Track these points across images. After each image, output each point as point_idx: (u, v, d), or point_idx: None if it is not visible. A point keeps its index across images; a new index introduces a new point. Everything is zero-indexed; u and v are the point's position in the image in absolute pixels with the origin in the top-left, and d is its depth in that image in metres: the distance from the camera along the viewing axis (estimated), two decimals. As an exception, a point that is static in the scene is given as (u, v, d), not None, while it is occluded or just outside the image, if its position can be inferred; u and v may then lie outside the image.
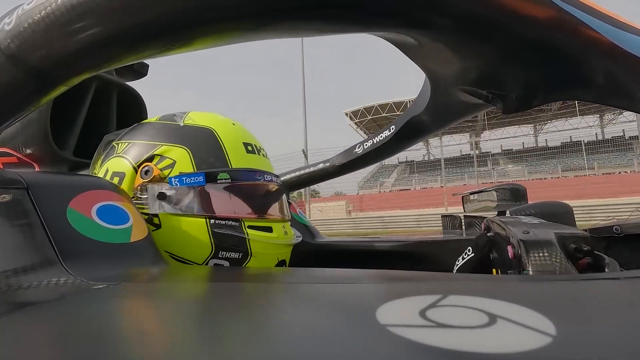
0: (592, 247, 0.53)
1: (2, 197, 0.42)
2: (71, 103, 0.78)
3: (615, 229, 0.58)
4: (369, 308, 0.23)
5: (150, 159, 0.60)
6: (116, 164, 0.62)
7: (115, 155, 0.63)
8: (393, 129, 0.93)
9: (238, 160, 0.62)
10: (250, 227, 0.60)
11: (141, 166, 0.60)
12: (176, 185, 0.58)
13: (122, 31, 0.33)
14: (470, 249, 0.70)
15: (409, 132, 0.91)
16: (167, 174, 0.59)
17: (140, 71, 0.96)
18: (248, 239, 0.59)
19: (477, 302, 0.23)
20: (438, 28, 0.40)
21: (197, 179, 0.58)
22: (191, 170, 0.59)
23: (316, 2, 0.33)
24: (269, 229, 0.62)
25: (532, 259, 0.48)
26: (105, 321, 0.26)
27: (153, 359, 0.19)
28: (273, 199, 0.67)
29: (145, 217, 0.58)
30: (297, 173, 1.23)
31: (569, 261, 0.48)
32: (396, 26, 0.40)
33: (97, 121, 0.84)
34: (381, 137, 0.97)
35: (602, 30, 0.35)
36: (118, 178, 0.60)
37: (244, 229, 0.59)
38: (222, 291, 0.34)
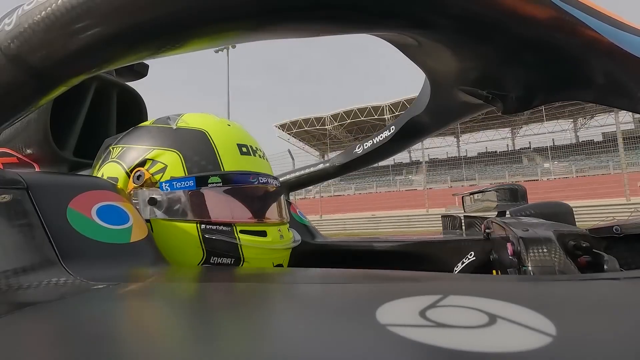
0: (591, 245, 0.53)
1: (2, 197, 0.42)
2: (71, 103, 0.78)
3: (615, 229, 0.58)
4: (369, 308, 0.23)
5: (142, 164, 0.59)
6: (110, 169, 0.62)
7: (110, 160, 0.63)
8: (393, 129, 0.93)
9: (231, 162, 0.60)
10: (242, 232, 0.59)
11: (134, 171, 0.59)
12: (167, 190, 0.57)
13: (122, 31, 0.33)
14: (472, 253, 0.70)
15: (409, 132, 0.91)
16: (159, 179, 0.58)
17: (140, 71, 0.96)
18: (240, 245, 0.58)
19: (477, 302, 0.23)
20: (438, 28, 0.40)
21: (188, 184, 0.57)
22: (182, 174, 0.58)
23: (317, 3, 0.34)
24: (263, 233, 0.61)
25: (532, 256, 0.48)
26: (105, 321, 0.26)
27: (153, 359, 0.19)
28: (268, 202, 0.65)
29: None
30: (297, 173, 1.23)
31: (568, 257, 0.48)
32: (396, 27, 0.40)
33: (97, 121, 0.84)
34: (381, 138, 0.97)
35: (602, 30, 0.35)
36: None
37: (236, 234, 0.58)
38: (222, 291, 0.34)
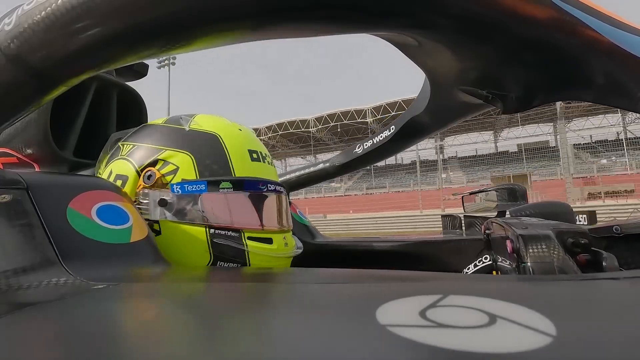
0: (590, 242, 0.53)
1: (2, 197, 0.42)
2: (71, 103, 0.78)
3: (615, 229, 0.58)
4: (369, 308, 0.23)
5: (153, 164, 0.59)
6: (120, 167, 0.61)
7: (119, 157, 0.62)
8: (393, 129, 0.93)
9: (242, 168, 0.61)
10: (250, 239, 0.59)
11: (144, 170, 0.59)
12: (178, 192, 0.57)
13: (122, 31, 0.33)
14: (487, 257, 0.70)
15: (409, 132, 0.91)
16: (170, 180, 0.58)
17: (140, 71, 0.96)
18: (247, 251, 0.58)
19: (477, 302, 0.23)
20: (438, 28, 0.40)
21: (199, 187, 0.57)
22: (194, 177, 0.58)
23: (317, 3, 0.34)
24: (269, 241, 0.61)
25: (531, 252, 0.48)
26: (105, 321, 0.26)
27: (152, 359, 0.19)
28: (276, 209, 0.65)
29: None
30: (297, 173, 1.23)
31: (567, 254, 0.48)
32: (396, 27, 0.40)
33: (97, 121, 0.84)
34: (381, 137, 0.97)
35: (602, 30, 0.35)
36: (121, 181, 0.60)
37: (244, 241, 0.58)
38: (222, 291, 0.34)
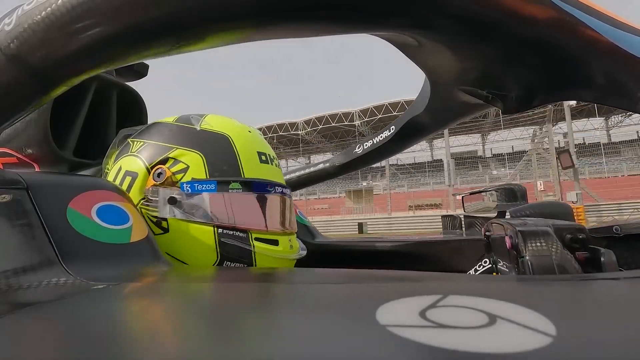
0: (587, 237, 0.53)
1: (2, 197, 0.42)
2: (71, 103, 0.78)
3: (615, 229, 0.58)
4: (369, 308, 0.23)
5: (164, 162, 0.59)
6: (130, 163, 0.61)
7: (129, 153, 0.62)
8: (393, 129, 0.93)
9: (251, 169, 0.61)
10: (257, 240, 0.59)
11: (154, 168, 0.59)
12: (187, 191, 0.58)
13: (122, 31, 0.33)
14: (487, 260, 0.70)
15: (409, 132, 0.91)
16: (180, 179, 0.58)
17: (140, 71, 0.96)
18: (254, 252, 0.58)
19: (477, 303, 0.23)
20: (438, 28, 0.40)
21: (209, 187, 0.57)
22: (204, 176, 0.58)
23: (317, 3, 0.34)
24: (275, 242, 0.62)
25: (529, 247, 0.49)
26: (105, 321, 0.26)
27: (153, 359, 0.19)
28: (283, 211, 0.66)
29: (154, 220, 0.58)
30: (297, 173, 1.23)
31: (565, 249, 0.49)
32: (396, 27, 0.40)
33: (97, 121, 0.84)
34: (381, 137, 0.97)
35: (602, 30, 0.35)
36: (130, 178, 0.60)
37: (251, 241, 0.59)
38: (222, 291, 0.34)
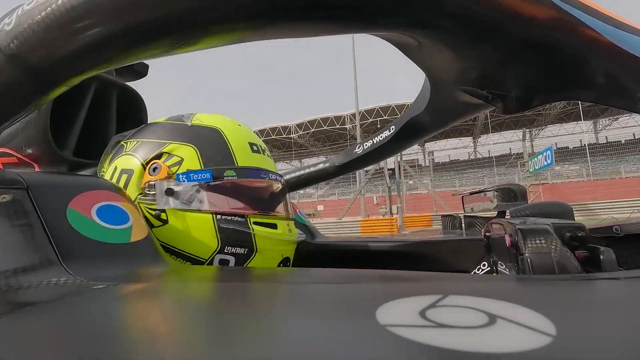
0: (587, 235, 0.54)
1: (2, 197, 0.42)
2: (71, 103, 0.78)
3: (615, 229, 0.58)
4: (369, 308, 0.23)
5: (158, 157, 0.61)
6: (125, 162, 0.63)
7: (124, 153, 0.64)
8: (393, 129, 0.93)
9: (244, 159, 0.63)
10: (255, 223, 0.61)
11: (149, 163, 0.61)
12: (184, 181, 0.59)
13: (122, 31, 0.33)
14: (485, 264, 0.70)
15: (409, 132, 0.91)
16: (175, 171, 0.60)
17: (140, 71, 0.96)
18: (253, 234, 0.60)
19: (477, 302, 0.23)
20: (438, 28, 0.40)
21: (204, 176, 0.59)
22: (198, 167, 0.60)
23: (317, 3, 0.34)
24: (274, 226, 0.64)
25: (529, 245, 0.49)
26: (104, 321, 0.26)
27: (153, 359, 0.19)
28: (277, 197, 0.69)
29: (152, 213, 0.59)
30: (297, 173, 1.23)
31: (565, 246, 0.49)
32: (396, 26, 0.40)
33: (97, 121, 0.84)
34: (381, 138, 0.97)
35: (602, 30, 0.35)
36: (127, 175, 0.61)
37: (250, 225, 0.61)
38: (222, 291, 0.34)
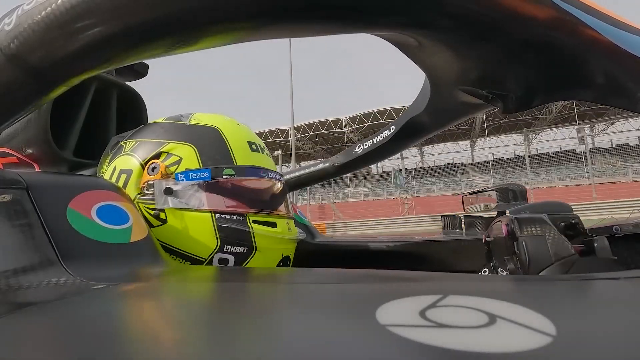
0: (581, 224, 0.55)
1: (2, 197, 0.42)
2: (71, 103, 0.78)
3: (615, 229, 0.58)
4: (369, 308, 0.23)
5: (157, 156, 0.61)
6: (124, 162, 0.63)
7: (123, 153, 0.64)
8: (393, 129, 0.93)
9: (243, 157, 0.63)
10: (255, 222, 0.61)
11: (148, 163, 0.61)
12: (182, 180, 0.59)
13: (122, 31, 0.33)
14: (486, 270, 0.70)
15: (409, 132, 0.91)
16: (174, 171, 0.60)
17: (140, 71, 0.96)
18: (253, 233, 0.60)
19: (477, 302, 0.23)
20: (438, 28, 0.40)
21: (203, 175, 0.59)
22: (197, 166, 0.60)
23: (317, 3, 0.34)
24: (274, 224, 0.64)
25: (525, 231, 0.51)
26: (104, 321, 0.26)
27: (152, 359, 0.19)
28: (277, 196, 0.68)
29: (151, 213, 0.59)
30: (297, 173, 1.23)
31: (560, 233, 0.50)
32: (396, 26, 0.40)
33: (97, 121, 0.84)
34: (381, 137, 0.97)
35: (602, 30, 0.35)
36: (125, 175, 0.61)
37: (249, 223, 0.60)
38: (222, 291, 0.34)
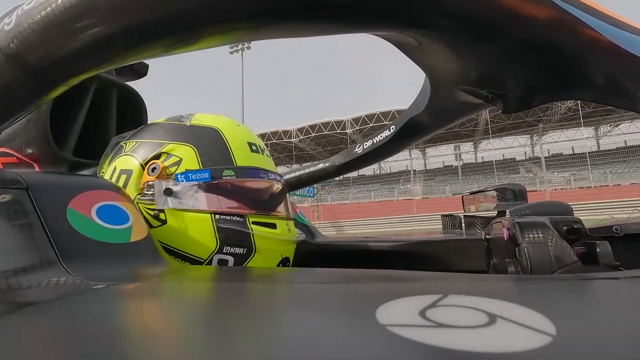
0: (584, 228, 0.54)
1: (2, 197, 0.42)
2: (71, 103, 0.78)
3: (615, 229, 0.58)
4: (369, 308, 0.23)
5: (157, 157, 0.61)
6: (124, 162, 0.63)
7: (123, 153, 0.64)
8: (393, 129, 0.93)
9: (243, 158, 0.63)
10: (254, 223, 0.61)
11: (148, 164, 0.61)
12: (182, 181, 0.59)
13: (122, 31, 0.33)
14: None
15: (409, 132, 0.91)
16: (174, 171, 0.60)
17: (140, 71, 0.96)
18: (252, 234, 0.60)
19: (477, 302, 0.23)
20: (438, 28, 0.40)
21: (203, 176, 0.59)
22: (197, 167, 0.60)
23: (317, 3, 0.34)
24: (273, 226, 0.64)
25: (526, 237, 0.50)
26: (104, 321, 0.26)
27: (152, 359, 0.19)
28: (276, 197, 0.68)
29: (151, 213, 0.59)
30: (297, 173, 1.23)
31: (562, 239, 0.50)
32: (396, 26, 0.40)
33: (97, 121, 0.84)
34: (381, 137, 0.97)
35: (602, 30, 0.35)
36: (125, 175, 0.61)
37: (249, 224, 0.60)
38: (222, 291, 0.34)
